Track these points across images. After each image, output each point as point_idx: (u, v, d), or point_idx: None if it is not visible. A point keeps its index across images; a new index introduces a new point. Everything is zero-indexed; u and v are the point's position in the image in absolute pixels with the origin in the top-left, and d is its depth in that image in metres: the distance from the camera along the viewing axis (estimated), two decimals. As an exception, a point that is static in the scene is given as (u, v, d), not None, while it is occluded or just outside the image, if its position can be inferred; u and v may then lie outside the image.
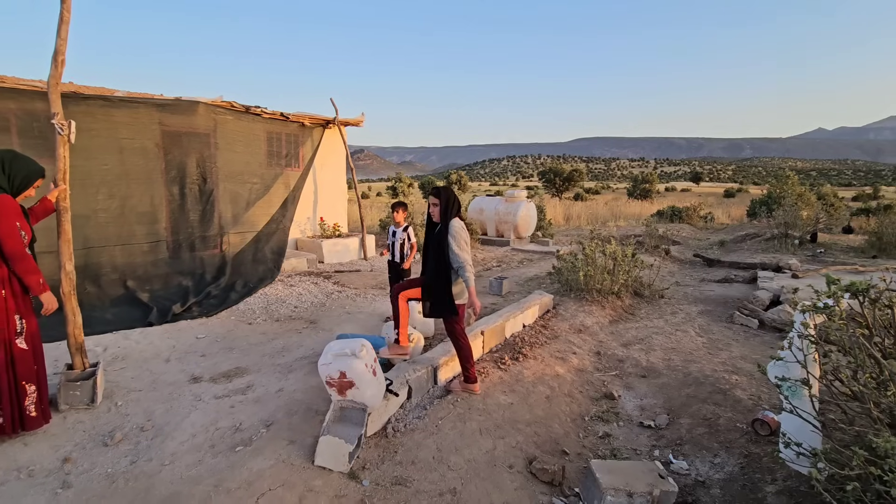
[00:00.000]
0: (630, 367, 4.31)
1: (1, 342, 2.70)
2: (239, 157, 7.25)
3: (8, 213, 2.69)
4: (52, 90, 3.24)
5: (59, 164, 3.35)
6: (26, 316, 2.81)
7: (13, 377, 2.73)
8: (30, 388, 2.80)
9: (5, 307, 2.71)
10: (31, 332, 2.83)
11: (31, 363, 2.81)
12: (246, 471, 2.47)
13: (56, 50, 3.28)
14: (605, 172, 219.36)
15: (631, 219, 18.56)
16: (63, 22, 3.32)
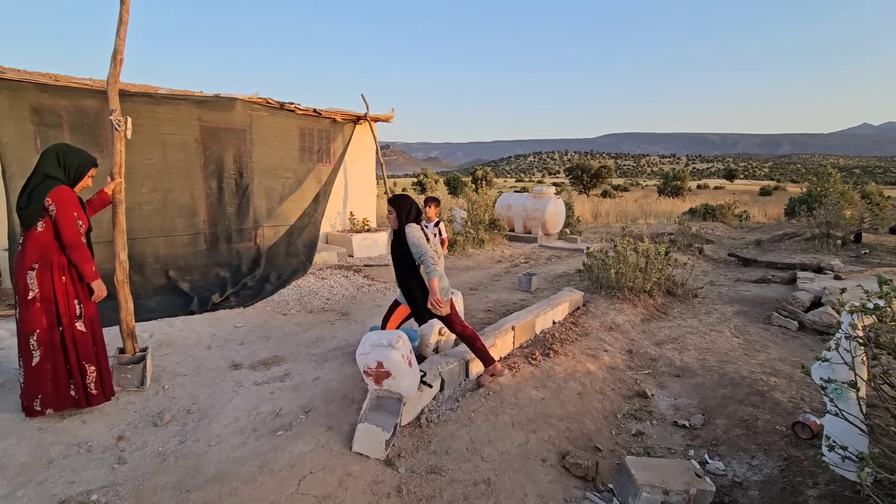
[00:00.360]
0: (663, 366, 4.25)
1: (64, 325, 2.88)
2: (273, 152, 7.43)
3: (66, 203, 2.86)
4: (111, 88, 3.40)
5: (116, 159, 3.52)
6: (84, 301, 2.98)
7: (77, 357, 2.91)
8: (90, 369, 2.97)
9: (65, 292, 2.89)
10: (89, 316, 3.00)
11: (90, 345, 2.98)
12: (288, 454, 2.56)
13: (115, 49, 3.44)
14: (634, 169, 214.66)
15: (661, 216, 18.16)
16: (122, 23, 3.47)
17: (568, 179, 39.22)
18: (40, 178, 2.85)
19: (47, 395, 2.89)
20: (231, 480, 2.35)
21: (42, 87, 5.51)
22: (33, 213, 2.79)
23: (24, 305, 2.81)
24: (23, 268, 2.80)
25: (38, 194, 2.80)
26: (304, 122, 8.08)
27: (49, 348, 2.86)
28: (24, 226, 2.83)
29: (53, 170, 2.89)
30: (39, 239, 2.80)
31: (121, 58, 3.52)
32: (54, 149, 2.96)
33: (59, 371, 2.91)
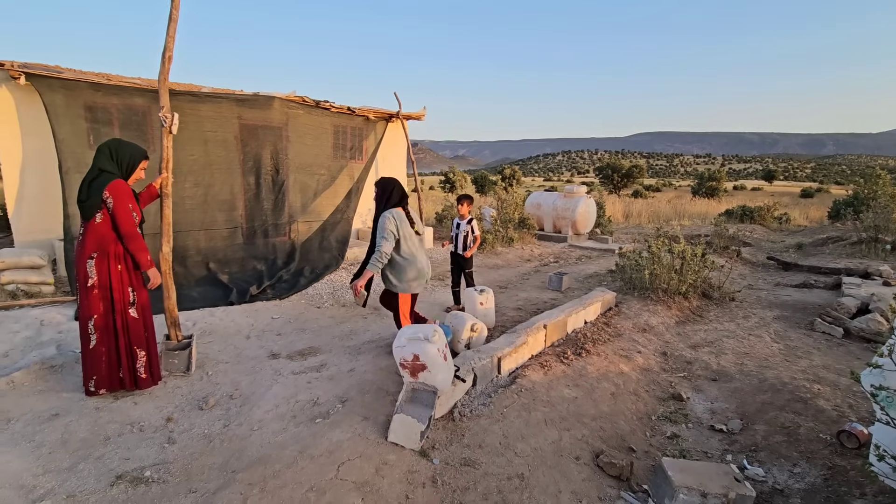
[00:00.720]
0: (699, 369, 4.17)
1: (118, 311, 3.05)
2: (308, 149, 7.60)
3: (122, 196, 3.02)
4: (162, 85, 3.55)
5: (163, 154, 3.69)
6: (138, 289, 3.15)
7: (128, 341, 3.08)
8: (140, 353, 3.14)
9: (120, 280, 3.05)
10: (141, 303, 3.17)
11: (141, 331, 3.15)
12: (326, 441, 2.64)
13: (165, 46, 3.59)
14: (666, 169, 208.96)
15: (696, 218, 17.66)
16: (172, 20, 3.62)
17: (598, 179, 38.59)
18: (96, 172, 3.02)
19: (101, 377, 3.06)
20: (273, 463, 2.44)
21: (95, 87, 5.80)
22: (92, 205, 2.96)
23: (83, 292, 2.99)
24: (83, 257, 2.97)
25: (96, 187, 2.97)
26: (338, 120, 8.23)
27: (105, 333, 3.03)
28: (84, 217, 3.00)
29: (108, 164, 3.06)
30: (98, 229, 2.97)
31: (170, 55, 3.66)
32: (107, 144, 3.13)
33: (112, 354, 3.08)
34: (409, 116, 9.25)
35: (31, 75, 5.44)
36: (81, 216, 3.02)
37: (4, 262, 4.87)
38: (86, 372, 3.06)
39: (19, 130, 5.93)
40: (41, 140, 5.84)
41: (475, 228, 5.18)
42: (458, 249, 5.26)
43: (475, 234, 5.18)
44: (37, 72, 5.44)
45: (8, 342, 3.80)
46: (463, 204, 5.20)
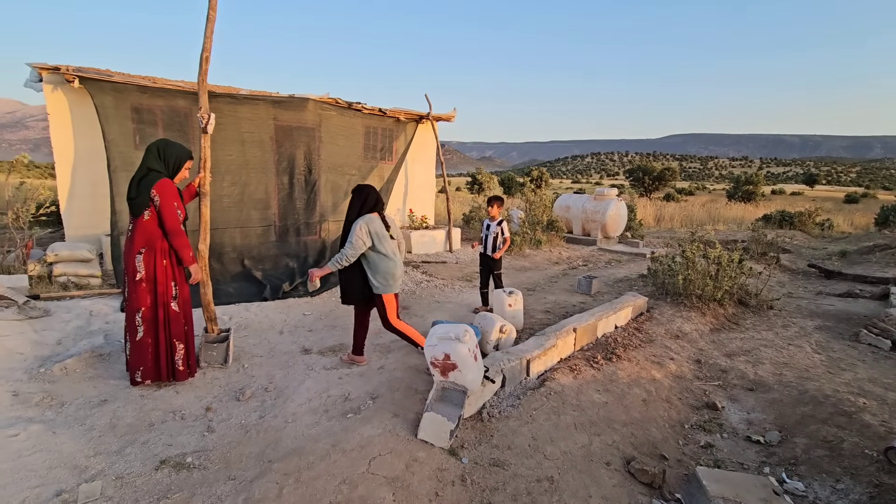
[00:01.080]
0: (735, 378, 4.05)
1: (161, 304, 3.19)
2: (340, 149, 7.75)
3: (168, 194, 3.16)
4: (200, 86, 3.69)
5: (202, 154, 3.84)
6: (180, 284, 3.28)
7: (168, 334, 3.21)
8: (179, 346, 3.27)
9: (165, 274, 3.19)
10: (183, 298, 3.30)
11: (181, 325, 3.28)
12: (357, 436, 2.70)
13: (203, 47, 3.73)
14: (700, 172, 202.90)
15: (731, 223, 17.12)
16: (209, 21, 3.75)
17: (628, 181, 37.84)
18: (145, 170, 3.17)
19: (147, 368, 3.21)
20: (307, 455, 2.51)
21: (142, 89, 6.07)
22: (141, 203, 3.10)
23: (131, 285, 3.14)
24: (132, 252, 3.12)
25: (144, 186, 3.11)
26: (370, 121, 8.36)
27: (151, 325, 3.18)
28: (133, 214, 3.15)
29: (155, 163, 3.20)
30: (146, 226, 3.11)
31: (207, 55, 3.79)
32: (156, 144, 3.28)
33: (155, 347, 3.22)
34: (438, 118, 9.31)
35: (84, 79, 5.74)
36: (130, 213, 3.17)
37: (58, 256, 5.15)
38: (133, 363, 3.21)
39: (72, 131, 6.27)
40: (91, 140, 6.16)
41: (505, 230, 5.17)
42: (487, 251, 5.27)
43: (505, 235, 5.17)
44: (89, 75, 5.74)
45: (61, 330, 4.02)
46: (493, 205, 5.20)
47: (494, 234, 5.18)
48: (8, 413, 2.82)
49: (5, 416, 2.78)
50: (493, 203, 5.21)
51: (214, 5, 3.73)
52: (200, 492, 2.28)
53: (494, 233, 5.18)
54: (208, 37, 3.74)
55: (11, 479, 2.28)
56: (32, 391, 3.09)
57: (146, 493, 2.27)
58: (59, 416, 2.87)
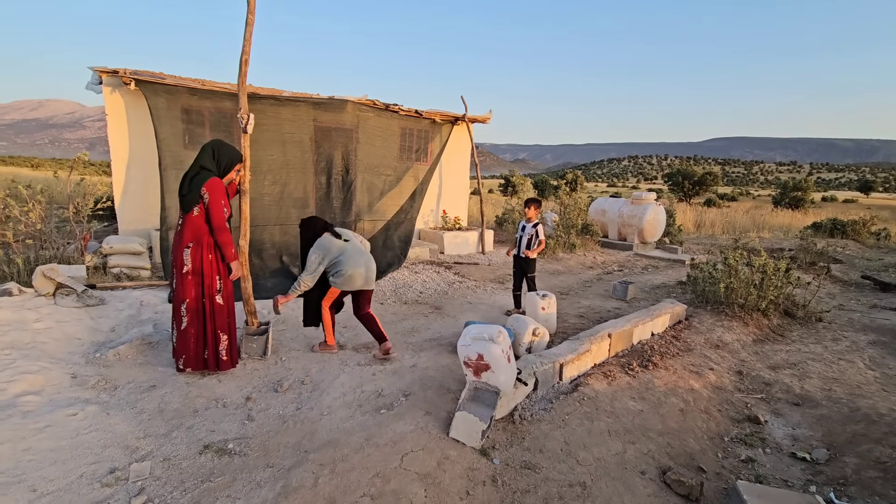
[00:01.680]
0: (779, 392, 3.88)
1: (207, 296, 3.33)
2: (377, 150, 7.88)
3: (217, 192, 3.31)
4: (240, 87, 3.85)
5: (242, 153, 4.00)
6: (224, 278, 3.42)
7: (213, 326, 3.36)
8: (223, 337, 3.41)
9: (211, 268, 3.33)
10: (227, 291, 3.44)
11: (225, 317, 3.42)
12: (390, 431, 2.74)
13: (242, 50, 3.88)
14: (744, 177, 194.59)
15: (777, 230, 16.36)
16: (248, 24, 3.90)
17: (667, 186, 36.76)
18: (197, 169, 3.33)
19: (189, 357, 3.36)
20: (342, 448, 2.57)
21: (192, 91, 6.36)
22: (192, 199, 3.26)
23: (179, 277, 3.30)
24: (180, 245, 3.28)
25: (196, 183, 3.27)
26: (406, 123, 8.46)
27: (195, 316, 3.33)
28: (184, 209, 3.31)
29: (208, 162, 3.36)
30: (195, 221, 3.27)
31: (246, 58, 3.94)
32: (210, 144, 3.43)
33: (199, 337, 3.37)
34: (474, 119, 9.33)
35: (140, 81, 6.06)
36: (181, 208, 3.33)
37: (112, 248, 5.46)
38: (177, 351, 3.37)
39: (127, 131, 6.63)
40: (144, 139, 6.50)
41: (540, 233, 5.13)
42: (520, 252, 5.24)
43: (540, 237, 5.13)
44: (144, 78, 6.06)
45: (114, 318, 4.26)
46: (531, 207, 5.18)
47: (529, 235, 5.15)
48: (67, 394, 3.02)
49: (65, 396, 2.98)
50: (531, 205, 5.19)
51: (253, 9, 3.87)
52: (241, 477, 2.37)
53: (529, 234, 5.15)
54: (247, 40, 3.89)
55: (71, 455, 2.44)
56: (89, 374, 3.30)
57: (191, 475, 2.38)
58: (113, 398, 3.05)
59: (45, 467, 2.33)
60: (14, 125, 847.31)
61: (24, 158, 57.46)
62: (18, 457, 2.36)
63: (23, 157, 67.27)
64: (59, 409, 2.80)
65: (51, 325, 3.80)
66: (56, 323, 3.86)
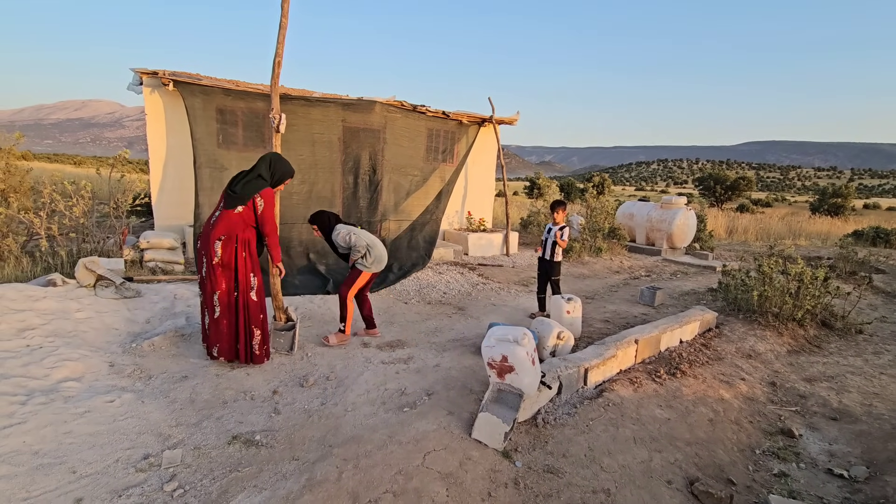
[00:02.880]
0: (815, 405, 3.73)
1: (241, 293, 3.42)
2: (404, 151, 7.94)
3: (271, 202, 3.51)
4: (273, 88, 3.97)
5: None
6: (258, 275, 3.51)
7: (247, 320, 3.45)
8: (256, 332, 3.50)
9: (245, 266, 3.42)
10: (259, 287, 3.53)
11: (258, 312, 3.51)
12: (413, 430, 2.76)
13: (275, 52, 3.99)
14: (779, 182, 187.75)
15: (815, 238, 15.73)
16: (281, 28, 4.00)
17: (697, 190, 35.83)
18: (255, 175, 3.48)
19: (223, 347, 3.46)
20: (365, 444, 2.60)
21: (226, 92, 6.55)
22: (239, 199, 3.39)
23: (209, 268, 3.38)
24: (212, 237, 3.37)
25: (250, 189, 3.42)
26: (432, 124, 8.50)
27: (227, 308, 3.42)
28: (226, 205, 3.42)
29: (265, 172, 3.55)
30: (233, 218, 3.37)
31: (279, 60, 4.06)
32: (269, 156, 3.65)
33: (232, 329, 3.47)
34: (501, 121, 9.30)
35: (178, 82, 6.28)
36: (224, 204, 3.44)
37: (149, 243, 5.67)
38: (211, 339, 3.47)
39: (165, 130, 6.87)
40: (179, 138, 6.73)
41: (565, 235, 5.08)
42: (546, 255, 5.20)
43: (563, 238, 5.08)
44: (182, 79, 6.28)
45: (150, 310, 4.42)
46: (557, 210, 5.13)
47: (555, 238, 5.10)
48: (106, 381, 3.15)
49: (104, 383, 3.11)
50: (557, 208, 5.14)
51: (286, 13, 3.98)
52: (267, 468, 2.43)
53: (555, 237, 5.10)
54: (280, 42, 4.00)
55: (108, 439, 2.55)
56: (125, 363, 3.43)
57: (220, 464, 2.45)
58: (147, 387, 3.16)
59: (84, 451, 2.43)
60: (59, 124, 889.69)
61: (68, 156, 60.20)
62: (60, 439, 2.48)
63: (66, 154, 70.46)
64: (98, 395, 2.92)
65: (91, 315, 3.97)
66: (96, 313, 4.04)
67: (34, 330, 3.55)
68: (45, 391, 2.86)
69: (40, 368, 3.08)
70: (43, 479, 2.21)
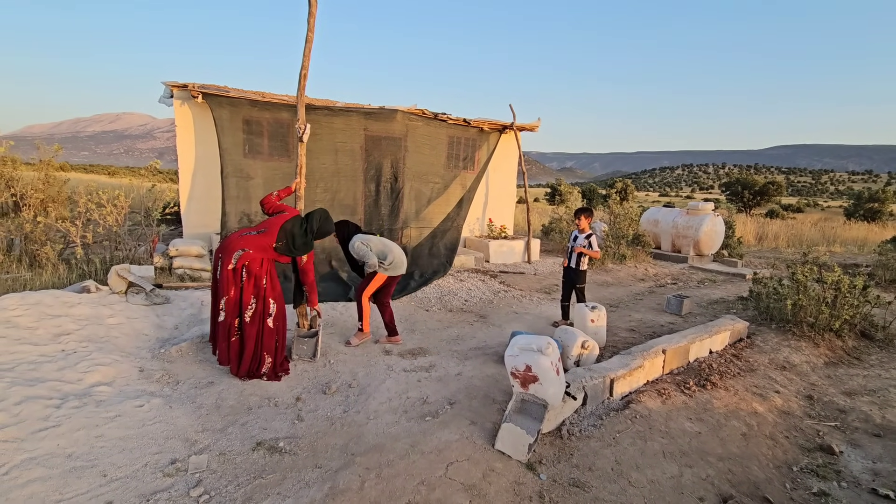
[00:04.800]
0: (856, 420, 3.55)
1: (257, 317, 3.42)
2: (425, 158, 7.97)
3: (312, 254, 3.78)
4: (299, 100, 4.05)
5: (298, 161, 4.19)
6: (278, 301, 3.53)
7: (260, 347, 3.45)
8: (266, 359, 3.46)
9: (264, 293, 3.44)
10: (279, 314, 3.52)
11: (273, 340, 3.48)
12: (435, 439, 2.73)
13: (301, 65, 4.07)
14: (811, 187, 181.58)
15: (850, 244, 15.13)
16: (307, 42, 4.08)
17: (724, 196, 34.94)
18: (311, 233, 3.69)
19: (222, 357, 3.46)
20: (388, 453, 2.59)
21: (252, 103, 6.70)
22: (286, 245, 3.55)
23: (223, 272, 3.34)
24: (234, 246, 3.40)
25: (301, 245, 3.64)
26: (454, 131, 8.52)
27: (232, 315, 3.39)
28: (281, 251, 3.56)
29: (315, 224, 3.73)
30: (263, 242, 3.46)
31: (305, 72, 4.14)
32: (320, 213, 3.80)
33: (236, 349, 3.43)
34: (522, 128, 9.26)
35: (206, 94, 6.45)
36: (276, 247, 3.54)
37: (178, 250, 5.82)
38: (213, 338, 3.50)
39: (194, 141, 7.07)
40: (207, 149, 6.90)
41: (593, 244, 4.99)
42: (571, 263, 5.12)
43: (594, 249, 4.98)
44: (210, 91, 6.45)
45: (178, 317, 4.52)
46: (581, 217, 5.05)
47: (581, 246, 5.02)
48: (136, 386, 3.22)
49: (133, 388, 3.18)
50: (581, 215, 5.06)
51: (312, 27, 4.06)
52: (291, 476, 2.43)
53: (582, 245, 5.02)
54: (307, 55, 4.08)
55: (137, 444, 2.60)
56: (154, 368, 3.51)
57: (244, 470, 2.47)
58: (175, 392, 3.22)
59: (115, 454, 2.49)
60: (95, 136, 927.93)
61: (102, 167, 62.70)
62: (92, 443, 2.54)
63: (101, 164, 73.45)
64: (128, 399, 2.99)
65: (122, 321, 4.09)
66: (126, 319, 4.15)
67: (69, 335, 3.66)
68: (78, 395, 2.94)
69: (74, 373, 3.17)
70: (75, 481, 2.26)
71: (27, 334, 3.50)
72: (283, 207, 3.82)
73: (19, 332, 3.49)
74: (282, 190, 4.03)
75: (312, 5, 3.96)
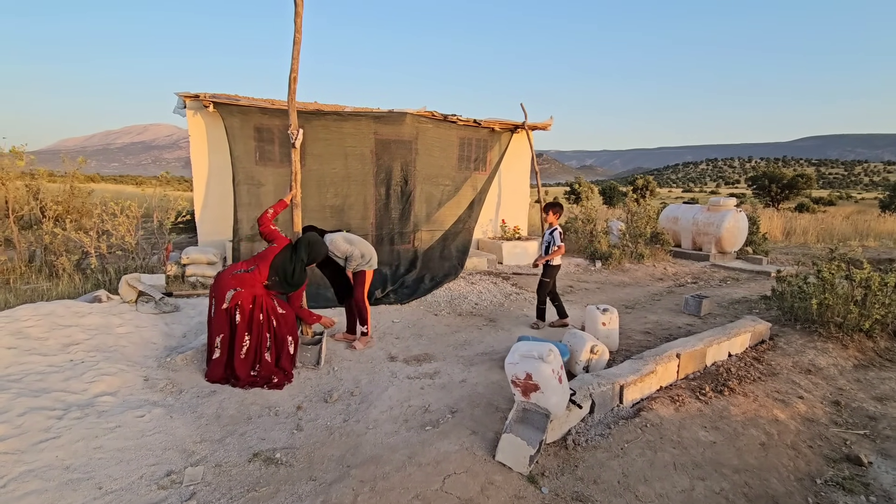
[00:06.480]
0: (888, 428, 3.33)
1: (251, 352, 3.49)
2: (435, 160, 7.90)
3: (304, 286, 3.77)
4: (290, 104, 4.04)
5: (293, 167, 4.17)
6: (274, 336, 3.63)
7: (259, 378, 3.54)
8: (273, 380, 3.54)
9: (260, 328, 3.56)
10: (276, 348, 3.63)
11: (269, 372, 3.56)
12: (434, 450, 2.65)
13: (290, 68, 4.04)
14: (844, 179, 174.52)
15: (886, 238, 14.43)
16: (295, 43, 4.05)
17: (750, 190, 33.88)
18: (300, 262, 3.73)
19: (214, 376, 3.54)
20: (384, 465, 2.52)
21: (263, 110, 6.76)
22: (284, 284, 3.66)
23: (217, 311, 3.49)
24: (228, 285, 3.48)
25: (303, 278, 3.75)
26: (464, 132, 8.43)
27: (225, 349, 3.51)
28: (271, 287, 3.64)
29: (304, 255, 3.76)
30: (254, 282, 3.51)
31: (295, 76, 4.11)
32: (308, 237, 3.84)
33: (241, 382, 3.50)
34: (534, 127, 9.12)
35: (218, 103, 6.53)
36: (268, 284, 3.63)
37: (190, 258, 5.90)
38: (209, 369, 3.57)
39: (207, 149, 7.17)
40: (219, 157, 6.99)
41: (556, 238, 4.94)
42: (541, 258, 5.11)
43: (557, 243, 4.92)
44: (221, 100, 6.53)
45: (186, 325, 4.56)
46: (549, 212, 5.08)
47: (547, 241, 5.00)
48: (139, 395, 3.24)
49: (137, 398, 3.20)
50: (549, 210, 5.07)
51: (300, 28, 4.03)
52: (284, 489, 2.39)
53: (547, 241, 5.00)
54: (295, 58, 4.06)
55: (135, 455, 2.60)
56: (159, 377, 3.53)
57: (238, 483, 2.44)
58: (177, 401, 3.23)
59: (112, 466, 2.49)
60: (124, 148, 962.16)
61: (131, 177, 64.89)
62: (90, 454, 2.55)
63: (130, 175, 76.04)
64: (130, 410, 3.00)
65: (131, 330, 4.13)
66: (135, 328, 4.20)
67: (78, 345, 3.71)
68: (81, 405, 2.96)
69: (80, 383, 3.21)
70: (71, 494, 2.27)
71: (37, 345, 3.56)
72: (275, 236, 3.81)
73: (30, 342, 3.56)
74: (276, 205, 3.98)
75: (298, 5, 3.95)
